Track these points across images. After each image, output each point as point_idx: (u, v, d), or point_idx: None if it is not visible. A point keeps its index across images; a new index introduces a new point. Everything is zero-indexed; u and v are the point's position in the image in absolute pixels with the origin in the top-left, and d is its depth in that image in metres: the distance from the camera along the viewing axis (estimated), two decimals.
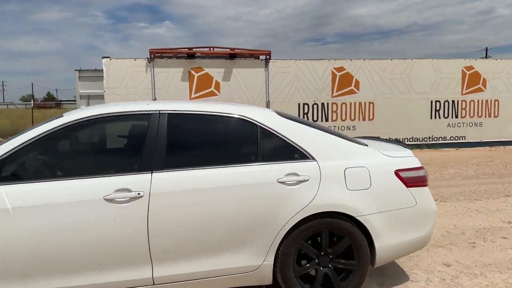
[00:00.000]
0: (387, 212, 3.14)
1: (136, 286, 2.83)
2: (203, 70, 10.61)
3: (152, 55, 10.27)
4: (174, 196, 2.81)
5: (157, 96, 10.39)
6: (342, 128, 11.33)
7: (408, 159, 3.31)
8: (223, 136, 3.22)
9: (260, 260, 2.97)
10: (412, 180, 3.22)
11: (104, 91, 10.27)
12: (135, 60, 10.30)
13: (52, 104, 52.15)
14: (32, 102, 23.55)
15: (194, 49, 10.58)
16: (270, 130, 3.12)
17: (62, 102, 52.22)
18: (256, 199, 2.91)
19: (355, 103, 11.43)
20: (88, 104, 11.87)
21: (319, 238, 3.10)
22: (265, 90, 10.90)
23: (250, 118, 3.17)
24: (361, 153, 3.22)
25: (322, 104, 11.27)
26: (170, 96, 10.45)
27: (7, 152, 2.72)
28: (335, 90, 11.31)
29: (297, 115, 10.51)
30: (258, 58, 10.99)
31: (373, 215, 3.08)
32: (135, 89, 10.28)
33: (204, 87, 10.67)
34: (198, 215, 2.84)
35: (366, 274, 3.15)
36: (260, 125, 3.13)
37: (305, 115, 11.14)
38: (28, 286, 2.65)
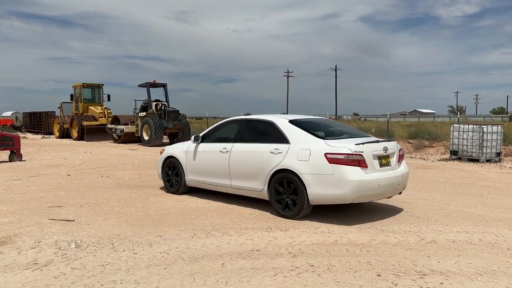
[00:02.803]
0: (315, 174, 5.64)
1: (227, 187, 6.85)
2: None
3: None
4: (238, 152, 6.60)
5: None
6: None
7: (340, 148, 5.58)
8: (260, 129, 6.70)
9: (262, 186, 6.24)
10: (333, 160, 5.54)
11: None
12: None
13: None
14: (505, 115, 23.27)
15: None
16: (279, 128, 6.28)
17: None
18: (263, 157, 6.21)
19: None
20: None
21: (285, 183, 5.99)
22: None
23: (273, 121, 6.46)
24: (311, 141, 5.85)
25: None
26: None
27: (205, 133, 7.44)
28: None
29: None
30: None
31: (307, 175, 5.69)
32: None
33: None
34: (245, 160, 6.47)
35: (304, 205, 5.76)
36: (276, 125, 6.34)
37: None
38: (203, 178, 7.20)
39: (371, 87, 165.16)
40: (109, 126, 22.43)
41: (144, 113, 20.30)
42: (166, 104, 21.05)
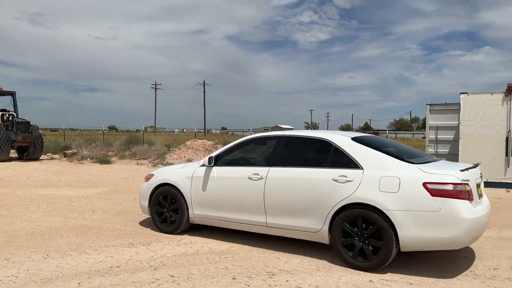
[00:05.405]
0: (409, 211, 4.20)
1: (259, 226, 5.23)
2: None
3: (510, 89, 10.80)
4: (278, 179, 5.06)
5: None
6: None
7: (444, 176, 4.22)
8: (309, 150, 5.27)
9: (320, 226, 4.73)
10: (437, 191, 4.14)
11: (460, 123, 11.49)
12: (491, 94, 11.10)
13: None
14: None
15: None
16: (340, 148, 4.83)
17: (379, 132, 56.89)
18: (321, 187, 4.71)
19: None
20: (436, 134, 13.35)
21: (359, 222, 4.47)
22: None
23: (328, 139, 4.99)
24: (398, 167, 4.46)
25: None
26: None
27: (219, 153, 5.76)
28: None
29: None
30: None
31: (397, 211, 4.24)
32: (490, 121, 11.04)
33: None
34: (291, 191, 4.93)
35: (391, 252, 4.26)
36: (335, 144, 4.89)
37: None
38: (220, 213, 5.51)
39: (237, 103, 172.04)
40: None
41: None
42: (15, 114, 18.96)
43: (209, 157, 5.67)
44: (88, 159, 18.29)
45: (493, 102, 11.05)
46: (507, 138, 10.89)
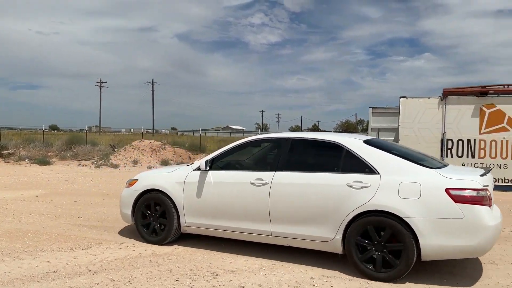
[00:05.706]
0: (432, 218, 4.02)
1: (262, 235, 4.84)
2: (495, 106, 11.14)
3: (445, 94, 11.51)
4: (285, 184, 4.71)
5: (447, 130, 11.50)
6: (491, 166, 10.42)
7: (466, 181, 4.06)
8: (318, 153, 4.98)
9: (332, 234, 4.43)
10: (460, 197, 3.98)
11: (399, 125, 12.08)
12: (428, 98, 11.77)
13: None
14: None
15: (487, 87, 11.25)
16: (353, 152, 4.56)
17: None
18: (335, 193, 4.41)
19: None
20: (378, 136, 13.94)
21: (370, 230, 4.24)
22: None
23: (339, 142, 4.71)
24: (417, 172, 4.24)
25: None
26: (460, 130, 11.39)
27: (215, 156, 5.30)
28: None
29: None
30: None
31: (418, 219, 4.04)
32: (426, 124, 11.71)
33: (495, 122, 11.16)
34: (297, 198, 4.60)
35: (412, 258, 4.05)
36: (347, 148, 4.62)
37: None
38: (217, 221, 5.07)
39: (188, 103, 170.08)
40: None
41: None
42: None
43: (205, 161, 5.19)
44: (26, 160, 17.32)
45: (429, 106, 11.73)
46: (442, 139, 11.60)
